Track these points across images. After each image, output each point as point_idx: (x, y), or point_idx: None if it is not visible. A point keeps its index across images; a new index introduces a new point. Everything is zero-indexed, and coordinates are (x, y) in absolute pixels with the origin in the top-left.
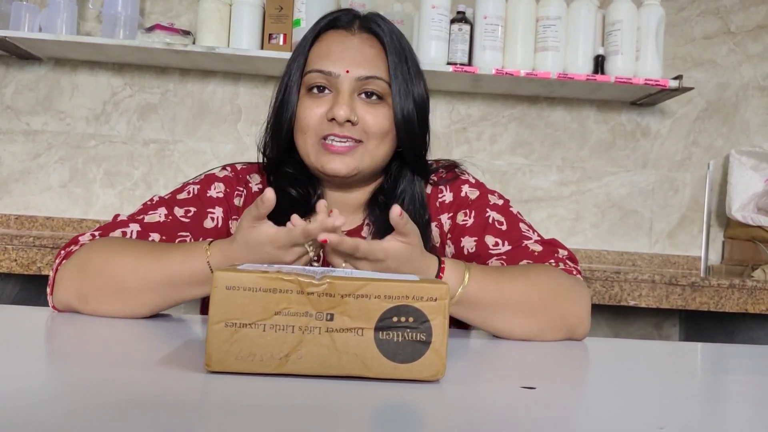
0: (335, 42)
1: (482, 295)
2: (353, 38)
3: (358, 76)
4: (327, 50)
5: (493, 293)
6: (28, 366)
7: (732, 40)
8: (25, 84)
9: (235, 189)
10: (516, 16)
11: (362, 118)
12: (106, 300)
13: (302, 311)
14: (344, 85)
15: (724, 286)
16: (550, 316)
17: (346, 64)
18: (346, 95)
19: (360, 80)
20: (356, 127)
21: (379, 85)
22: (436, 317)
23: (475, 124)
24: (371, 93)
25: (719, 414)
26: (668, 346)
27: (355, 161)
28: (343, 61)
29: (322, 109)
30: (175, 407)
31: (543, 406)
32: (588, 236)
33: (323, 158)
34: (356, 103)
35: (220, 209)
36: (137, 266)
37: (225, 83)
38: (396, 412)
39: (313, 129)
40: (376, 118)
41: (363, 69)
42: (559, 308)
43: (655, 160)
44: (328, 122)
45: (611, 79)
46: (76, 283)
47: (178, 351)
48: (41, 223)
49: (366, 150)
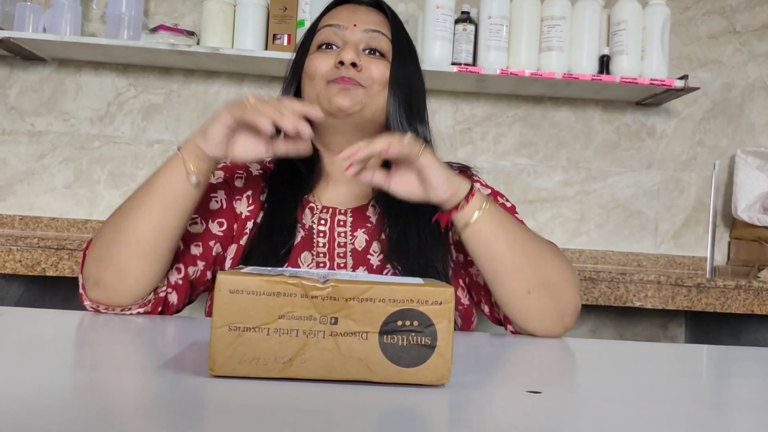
0: (344, 8)
1: (492, 227)
2: (361, 7)
3: (365, 29)
4: (337, 13)
5: (504, 232)
6: (30, 369)
7: (738, 39)
8: (29, 85)
9: (235, 172)
10: (520, 16)
11: (366, 67)
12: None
13: (306, 315)
14: (352, 36)
15: (731, 287)
16: (546, 283)
17: (354, 20)
18: (352, 44)
19: (367, 32)
20: (361, 73)
21: (383, 41)
22: (441, 321)
23: (480, 124)
24: (375, 50)
25: (725, 419)
26: (674, 349)
27: (359, 97)
28: (351, 18)
29: (330, 60)
30: (178, 411)
31: (549, 411)
32: (593, 237)
33: (330, 92)
34: (362, 55)
35: (222, 192)
36: (128, 202)
37: (229, 84)
38: (401, 416)
39: (321, 74)
40: (379, 66)
41: (369, 24)
42: (556, 282)
43: (661, 161)
44: (335, 68)
45: (616, 79)
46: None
47: (181, 354)
48: (46, 223)
49: (369, 93)
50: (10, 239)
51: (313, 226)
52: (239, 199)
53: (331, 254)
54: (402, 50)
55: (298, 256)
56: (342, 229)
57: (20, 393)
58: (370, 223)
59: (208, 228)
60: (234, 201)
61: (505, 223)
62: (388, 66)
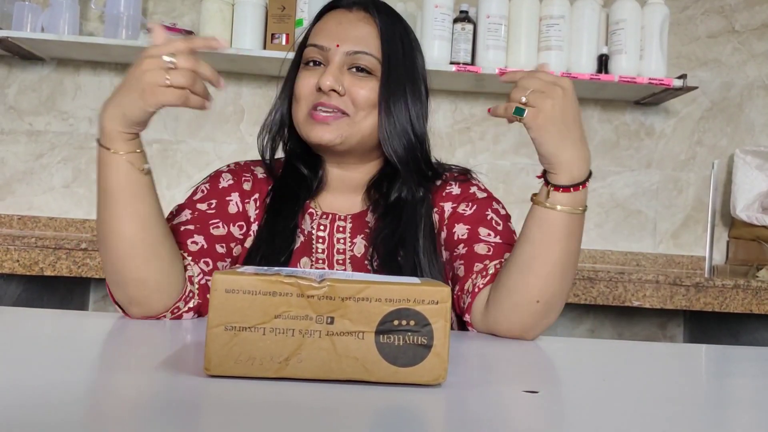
0: (332, 19)
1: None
2: (349, 15)
3: (347, 51)
4: (323, 26)
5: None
6: (27, 369)
7: (737, 39)
8: (28, 84)
9: (242, 176)
10: (519, 15)
11: (349, 90)
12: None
13: (302, 314)
14: (334, 58)
15: (729, 286)
16: (551, 307)
17: (337, 38)
18: (334, 67)
19: (349, 54)
20: (343, 98)
21: (368, 60)
22: (438, 320)
23: (479, 123)
24: (360, 68)
25: (723, 419)
26: (672, 348)
27: (339, 130)
28: (335, 35)
29: (313, 80)
30: (174, 411)
31: (546, 411)
32: (592, 236)
33: (308, 127)
34: (345, 76)
35: (236, 194)
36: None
37: (228, 83)
38: (397, 416)
39: (305, 98)
40: (363, 89)
41: (353, 44)
42: (555, 311)
43: (659, 160)
44: (317, 92)
45: (615, 78)
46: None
47: (177, 354)
48: (44, 223)
49: (352, 122)
50: (8, 239)
51: (313, 231)
52: (248, 202)
53: (330, 260)
54: (394, 62)
55: (297, 262)
56: (341, 236)
57: (16, 392)
58: (369, 229)
59: (229, 231)
60: (245, 204)
61: (573, 238)
62: (376, 85)
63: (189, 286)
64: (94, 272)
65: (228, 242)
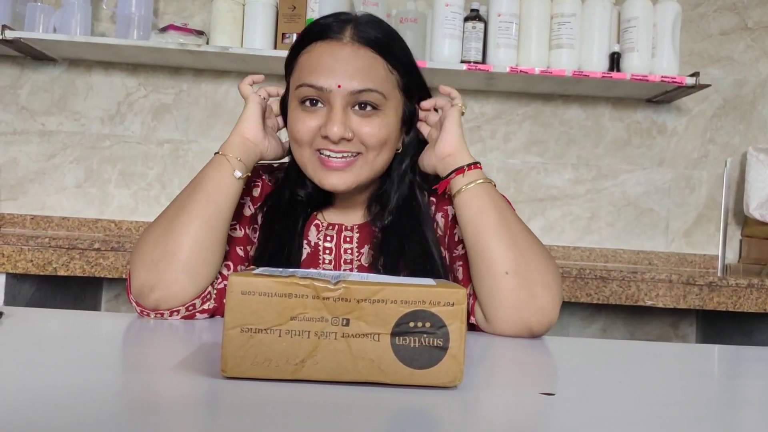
0: (325, 53)
1: (485, 200)
2: (344, 48)
3: (351, 90)
4: (317, 62)
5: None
6: (41, 369)
7: (749, 36)
8: (40, 85)
9: (253, 181)
10: (530, 13)
11: (358, 132)
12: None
13: (318, 316)
14: (336, 100)
15: (743, 285)
16: (526, 273)
17: (337, 77)
18: (339, 111)
19: (353, 94)
20: (352, 142)
21: (373, 97)
22: (454, 322)
23: (489, 122)
24: (365, 104)
25: (737, 420)
26: (685, 349)
27: (353, 176)
28: (334, 74)
29: (315, 123)
30: (191, 412)
31: (562, 413)
32: (603, 235)
33: (320, 174)
34: (350, 117)
35: (247, 198)
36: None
37: (238, 83)
38: (413, 418)
39: (308, 143)
40: (372, 129)
41: (356, 82)
42: (536, 279)
43: (672, 158)
44: (322, 138)
45: (627, 76)
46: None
47: (193, 355)
48: (57, 223)
49: (365, 162)
50: (22, 239)
51: (319, 243)
52: (258, 206)
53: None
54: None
55: None
56: (349, 246)
57: (31, 393)
58: (376, 238)
59: (246, 233)
60: (255, 208)
61: (498, 203)
62: (383, 122)
63: (209, 287)
64: (106, 272)
65: (245, 245)
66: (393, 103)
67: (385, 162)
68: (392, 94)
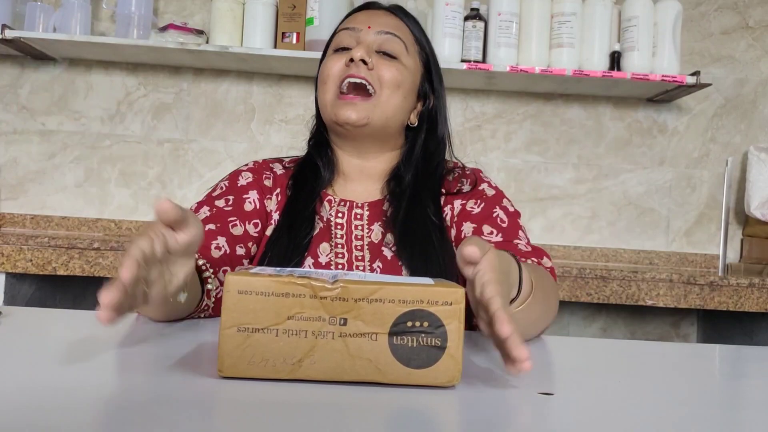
0: (362, 13)
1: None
2: (379, 11)
3: (379, 30)
4: (353, 17)
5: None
6: (40, 369)
7: (750, 35)
8: (40, 84)
9: (263, 173)
10: (530, 12)
11: (377, 67)
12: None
13: (315, 316)
14: (366, 37)
15: (744, 285)
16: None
17: (369, 22)
18: (365, 44)
19: (380, 34)
20: (371, 72)
21: (397, 44)
22: (452, 322)
23: (490, 121)
24: (388, 53)
25: (738, 420)
26: (686, 348)
27: (366, 111)
28: (366, 21)
29: (342, 61)
30: (187, 412)
31: (561, 413)
32: (604, 234)
33: (336, 108)
34: (374, 55)
35: (254, 192)
36: None
37: (238, 82)
38: (411, 418)
39: (332, 79)
40: (390, 69)
41: (384, 26)
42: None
43: (673, 158)
44: (345, 66)
45: (627, 75)
46: None
47: (190, 355)
48: (57, 222)
49: (378, 102)
50: (21, 238)
51: (331, 218)
52: (269, 197)
53: (349, 246)
54: (430, 51)
55: (317, 247)
56: (359, 222)
57: (30, 393)
58: (386, 217)
59: (246, 230)
60: (265, 200)
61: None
62: (401, 69)
63: (206, 300)
64: (106, 272)
65: (246, 242)
66: (412, 63)
67: (396, 108)
68: (413, 56)
